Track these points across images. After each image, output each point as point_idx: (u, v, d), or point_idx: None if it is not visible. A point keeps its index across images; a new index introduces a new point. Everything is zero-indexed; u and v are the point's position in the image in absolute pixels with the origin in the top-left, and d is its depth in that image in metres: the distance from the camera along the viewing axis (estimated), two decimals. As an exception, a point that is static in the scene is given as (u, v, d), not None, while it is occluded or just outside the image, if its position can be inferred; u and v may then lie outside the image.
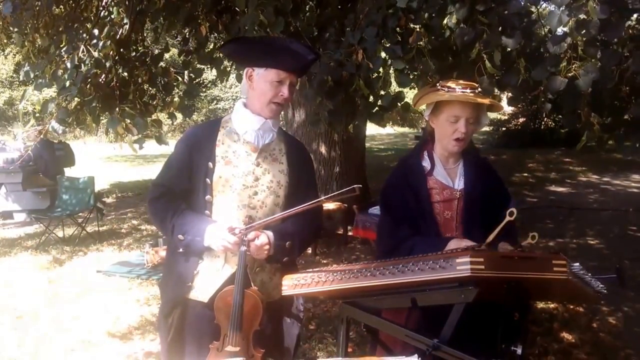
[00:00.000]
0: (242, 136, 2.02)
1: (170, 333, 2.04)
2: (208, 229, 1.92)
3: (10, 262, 6.02)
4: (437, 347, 1.54)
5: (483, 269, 1.51)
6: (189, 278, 2.00)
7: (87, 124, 3.33)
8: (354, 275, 1.76)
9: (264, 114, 2.00)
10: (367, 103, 2.88)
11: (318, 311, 4.33)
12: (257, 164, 2.01)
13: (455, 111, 2.03)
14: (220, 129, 2.05)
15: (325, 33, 2.95)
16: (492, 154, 13.31)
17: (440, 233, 2.10)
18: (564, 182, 10.38)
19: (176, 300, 2.03)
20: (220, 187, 1.98)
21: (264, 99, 1.97)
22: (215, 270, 2.00)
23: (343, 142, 6.44)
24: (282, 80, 1.95)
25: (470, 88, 2.02)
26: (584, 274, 1.72)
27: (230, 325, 1.89)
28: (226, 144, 2.02)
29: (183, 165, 2.01)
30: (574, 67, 2.33)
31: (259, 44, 2.09)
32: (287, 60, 1.95)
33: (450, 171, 2.15)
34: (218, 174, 1.98)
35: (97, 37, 3.26)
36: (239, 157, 2.01)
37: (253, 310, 1.93)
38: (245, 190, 1.98)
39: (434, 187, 2.12)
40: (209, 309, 1.98)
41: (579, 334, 3.90)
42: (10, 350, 3.76)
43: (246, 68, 2.00)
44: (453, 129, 2.05)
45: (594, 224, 7.20)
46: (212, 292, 1.98)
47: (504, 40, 2.36)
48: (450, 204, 2.11)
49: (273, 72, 1.94)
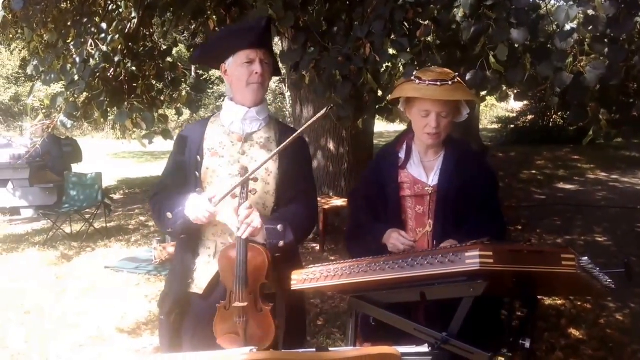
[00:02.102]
0: (227, 127, 2.07)
1: (171, 331, 2.06)
2: (190, 198, 1.94)
3: (18, 258, 6.07)
4: (446, 341, 1.54)
5: (492, 263, 1.50)
6: (189, 274, 2.04)
7: (95, 119, 3.34)
8: (363, 270, 1.75)
9: (247, 100, 2.03)
10: (375, 97, 2.88)
11: (326, 307, 4.34)
12: (242, 152, 2.04)
13: (425, 105, 1.99)
14: (209, 124, 2.11)
15: (334, 27, 2.95)
16: (501, 151, 13.26)
17: (407, 227, 2.09)
18: (572, 180, 10.32)
19: (180, 296, 2.04)
20: (209, 178, 2.03)
21: (241, 83, 2.01)
22: (207, 262, 2.03)
23: (351, 139, 6.43)
24: (251, 59, 1.99)
25: (441, 80, 1.95)
26: (592, 268, 1.70)
27: (235, 281, 1.87)
28: (213, 137, 2.07)
29: (177, 164, 2.09)
30: (581, 64, 2.32)
31: (220, 39, 2.17)
32: (245, 38, 2.00)
33: (428, 164, 2.11)
34: (206, 166, 2.03)
35: (105, 31, 3.27)
36: (225, 147, 2.05)
37: (257, 263, 1.91)
38: (232, 179, 1.99)
39: (405, 180, 2.10)
40: (204, 300, 2.00)
41: (586, 330, 3.88)
42: (18, 345, 3.79)
43: (220, 65, 2.06)
44: (424, 123, 2.01)
45: (601, 221, 7.16)
46: (205, 283, 2.01)
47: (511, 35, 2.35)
48: (422, 199, 2.09)
49: (239, 55, 2.00)
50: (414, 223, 2.10)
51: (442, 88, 1.94)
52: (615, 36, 2.28)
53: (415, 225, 2.10)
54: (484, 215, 2.07)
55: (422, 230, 2.07)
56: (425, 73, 2.03)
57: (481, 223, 2.01)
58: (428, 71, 2.06)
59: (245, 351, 1.06)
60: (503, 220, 2.17)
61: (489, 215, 2.09)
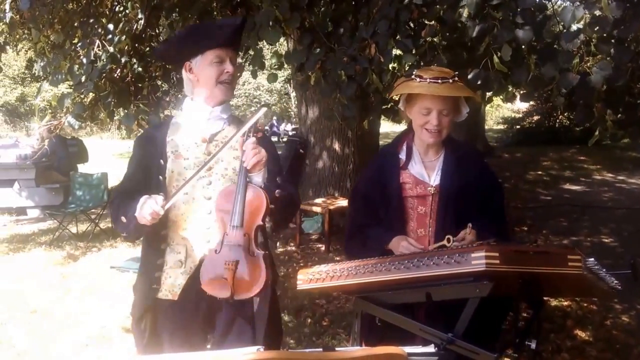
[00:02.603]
0: (190, 128, 2.02)
1: (145, 337, 2.01)
2: (140, 200, 1.87)
3: (25, 258, 6.09)
4: (452, 341, 1.54)
5: (498, 264, 1.50)
6: (154, 279, 1.98)
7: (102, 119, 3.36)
8: (368, 270, 1.76)
9: (215, 99, 2.00)
10: (381, 98, 2.88)
11: (331, 307, 4.34)
12: (207, 153, 1.99)
13: (426, 103, 1.99)
14: (170, 127, 2.05)
15: (339, 28, 2.95)
16: (506, 151, 13.23)
17: (408, 228, 2.08)
18: (578, 180, 10.28)
19: (147, 302, 2.00)
20: (175, 181, 1.97)
21: (210, 82, 1.97)
22: (179, 266, 1.98)
23: (357, 139, 6.44)
24: (222, 58, 1.96)
25: (442, 78, 1.96)
26: (598, 269, 1.70)
27: (231, 218, 1.84)
28: (175, 139, 2.02)
29: (137, 169, 2.04)
30: (587, 65, 2.31)
31: (187, 36, 2.08)
32: (217, 36, 1.96)
33: (429, 164, 2.11)
34: (170, 169, 1.97)
35: (112, 32, 3.28)
36: (189, 149, 2.00)
37: (256, 203, 1.86)
38: (199, 180, 1.96)
39: (407, 181, 2.09)
40: (180, 308, 1.97)
41: (592, 331, 3.87)
42: (23, 344, 3.81)
43: (184, 64, 2.00)
44: (425, 120, 2.01)
45: (608, 222, 7.13)
46: (179, 288, 1.97)
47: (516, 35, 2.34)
48: (424, 199, 2.08)
49: (209, 53, 1.95)
50: (415, 224, 2.09)
51: (443, 85, 1.95)
52: (622, 37, 2.27)
53: (417, 226, 2.09)
54: (487, 216, 2.06)
55: (424, 231, 2.07)
56: (425, 71, 2.03)
57: (484, 224, 2.00)
58: (428, 70, 2.07)
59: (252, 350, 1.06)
60: (506, 220, 2.17)
61: (491, 215, 2.08)
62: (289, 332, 3.94)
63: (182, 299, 1.97)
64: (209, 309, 2.00)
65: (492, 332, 1.79)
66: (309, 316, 4.19)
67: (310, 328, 4.00)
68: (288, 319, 4.16)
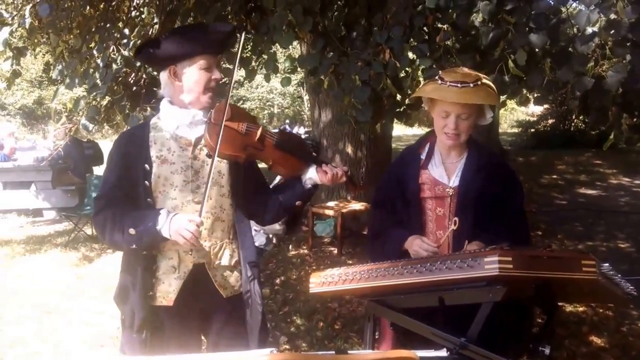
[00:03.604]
0: (174, 133, 1.97)
1: (147, 346, 1.98)
2: (163, 212, 1.86)
3: (40, 259, 6.17)
4: (465, 346, 1.54)
5: (511, 268, 1.50)
6: (148, 286, 1.96)
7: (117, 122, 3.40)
8: (381, 274, 1.76)
9: (199, 105, 1.96)
10: (394, 102, 2.89)
11: (344, 311, 4.33)
12: (194, 157, 1.98)
13: (444, 106, 1.98)
14: (151, 130, 2.00)
15: (353, 32, 2.96)
16: (521, 155, 13.11)
17: (427, 229, 2.07)
18: (593, 185, 10.15)
19: (144, 311, 1.97)
20: (161, 186, 1.95)
21: (198, 88, 1.93)
22: (172, 271, 1.98)
23: (369, 142, 6.43)
24: (210, 64, 1.94)
25: (462, 82, 1.91)
26: (613, 274, 1.68)
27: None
28: (159, 143, 1.97)
29: (120, 174, 1.97)
30: (602, 68, 2.29)
31: (176, 41, 1.98)
32: (207, 43, 1.93)
33: (449, 166, 2.09)
34: (156, 174, 1.94)
35: (127, 36, 3.33)
36: (174, 154, 1.96)
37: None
38: (187, 185, 1.95)
39: (425, 182, 2.08)
40: (175, 313, 1.97)
41: (607, 338, 3.82)
42: (37, 344, 3.86)
43: (169, 67, 1.95)
44: (444, 123, 2.00)
45: (624, 227, 7.03)
46: (173, 294, 1.97)
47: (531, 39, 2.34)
48: (443, 201, 2.06)
49: (199, 58, 1.91)
50: (434, 225, 2.08)
51: (462, 90, 1.91)
52: (637, 40, 2.25)
53: (436, 227, 2.08)
54: (507, 219, 2.04)
55: (443, 232, 2.06)
56: (449, 74, 2.00)
57: (504, 227, 1.98)
58: (452, 72, 2.03)
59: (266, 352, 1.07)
60: (526, 224, 2.14)
61: (511, 219, 2.06)
62: (301, 335, 3.95)
63: (177, 304, 1.97)
64: (202, 312, 2.02)
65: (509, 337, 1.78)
66: (321, 319, 4.19)
67: (323, 331, 4.00)
68: (300, 322, 4.17)
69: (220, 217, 2.01)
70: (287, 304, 4.53)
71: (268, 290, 4.80)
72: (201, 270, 2.00)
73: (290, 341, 3.88)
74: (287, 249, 6.02)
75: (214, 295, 2.02)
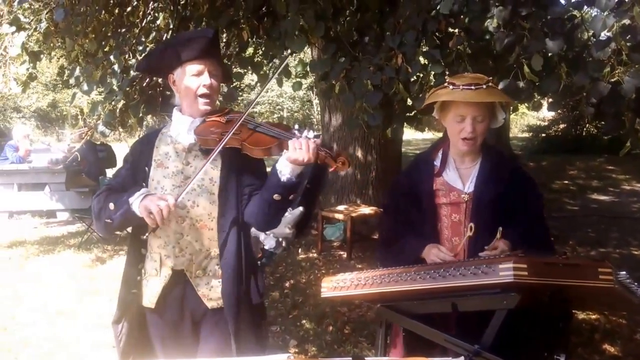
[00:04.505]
0: (174, 138, 2.03)
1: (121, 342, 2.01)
2: (143, 190, 1.89)
3: (54, 260, 6.23)
4: (478, 353, 1.53)
5: (526, 275, 1.49)
6: (133, 284, 2.00)
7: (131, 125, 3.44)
8: (394, 279, 1.76)
9: (195, 111, 1.99)
10: (404, 106, 2.88)
11: (353, 315, 4.33)
12: (186, 163, 1.99)
13: (460, 110, 1.97)
14: (159, 135, 2.07)
15: (365, 37, 2.97)
16: (532, 160, 13.02)
17: (443, 236, 2.06)
18: (606, 190, 10.06)
19: (123, 306, 2.00)
20: (153, 189, 1.97)
21: (190, 95, 1.96)
22: (154, 274, 1.99)
23: (379, 146, 6.42)
24: (199, 71, 1.94)
25: (475, 84, 1.92)
26: (630, 282, 1.67)
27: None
28: (160, 147, 2.03)
29: (127, 172, 2.05)
30: (617, 73, 2.27)
31: (166, 50, 2.08)
32: (191, 49, 1.94)
33: (464, 172, 2.08)
34: (151, 177, 1.99)
35: (143, 42, 3.36)
36: (170, 158, 2.00)
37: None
38: (174, 190, 1.96)
39: (440, 188, 2.07)
40: (161, 316, 1.98)
41: (621, 346, 3.78)
42: (50, 345, 3.89)
43: (168, 76, 2.02)
44: (460, 128, 1.98)
45: (637, 233, 6.96)
46: (155, 297, 1.97)
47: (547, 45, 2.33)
48: (458, 207, 2.04)
49: (187, 66, 1.95)
50: (449, 232, 2.06)
51: (477, 91, 1.92)
52: (654, 46, 2.24)
53: (451, 234, 2.06)
54: (525, 224, 2.01)
55: (459, 239, 2.04)
56: (458, 78, 2.00)
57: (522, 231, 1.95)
58: (461, 76, 2.03)
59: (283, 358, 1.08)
60: (546, 227, 2.10)
61: (530, 223, 2.03)
62: (310, 340, 3.95)
63: (162, 308, 1.98)
64: (192, 317, 2.00)
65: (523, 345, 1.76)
66: (331, 323, 4.19)
67: (332, 336, 4.00)
68: (310, 326, 4.17)
69: (208, 225, 1.97)
70: (297, 308, 4.53)
71: (277, 293, 4.80)
72: (182, 278, 1.98)
73: (300, 345, 3.88)
74: (296, 253, 6.02)
75: (199, 304, 1.99)
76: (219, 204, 1.97)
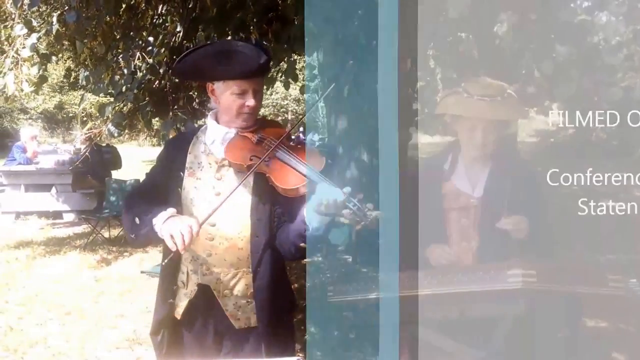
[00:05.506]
0: (208, 146, 1.89)
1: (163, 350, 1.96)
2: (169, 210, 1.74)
3: (60, 260, 6.25)
4: (486, 360, 1.52)
5: (535, 282, 1.49)
6: (169, 293, 1.92)
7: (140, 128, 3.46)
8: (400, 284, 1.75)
9: (235, 125, 1.86)
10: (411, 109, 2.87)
11: (358, 320, 4.31)
12: (219, 177, 1.85)
13: (473, 120, 1.93)
14: (194, 138, 1.93)
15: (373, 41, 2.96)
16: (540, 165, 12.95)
17: (451, 241, 2.02)
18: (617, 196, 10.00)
19: (159, 315, 1.94)
20: (184, 198, 1.87)
21: (230, 112, 1.83)
22: (182, 286, 1.92)
23: (386, 151, 6.41)
24: (244, 89, 1.79)
25: (490, 96, 1.87)
26: None
27: None
28: (193, 154, 1.90)
29: (161, 174, 1.94)
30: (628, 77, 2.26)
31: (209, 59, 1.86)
32: (240, 68, 1.78)
33: (473, 176, 2.04)
34: (183, 185, 1.87)
35: (152, 44, 3.38)
36: (203, 169, 1.87)
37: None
38: (203, 203, 1.83)
39: (448, 192, 2.05)
40: (188, 328, 1.93)
41: (629, 355, 3.74)
42: (58, 345, 3.91)
43: (206, 84, 1.88)
44: (469, 136, 1.96)
45: (646, 240, 6.91)
46: (181, 309, 1.91)
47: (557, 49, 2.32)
48: (467, 211, 2.01)
49: (231, 84, 1.79)
50: (457, 237, 2.06)
51: (491, 104, 1.88)
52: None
53: (460, 239, 2.06)
54: None
55: (467, 244, 2.03)
56: (474, 86, 1.94)
57: None
58: (476, 83, 1.98)
59: None
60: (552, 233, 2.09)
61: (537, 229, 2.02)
62: (315, 344, 3.93)
63: (189, 321, 1.92)
64: (216, 334, 1.94)
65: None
66: (336, 328, 4.17)
67: (337, 340, 3.98)
68: (315, 331, 4.16)
69: (238, 244, 1.85)
70: (301, 312, 4.52)
71: (283, 297, 4.80)
72: (209, 294, 1.89)
73: (305, 349, 3.87)
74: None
75: (225, 323, 1.91)
76: (251, 224, 1.85)
